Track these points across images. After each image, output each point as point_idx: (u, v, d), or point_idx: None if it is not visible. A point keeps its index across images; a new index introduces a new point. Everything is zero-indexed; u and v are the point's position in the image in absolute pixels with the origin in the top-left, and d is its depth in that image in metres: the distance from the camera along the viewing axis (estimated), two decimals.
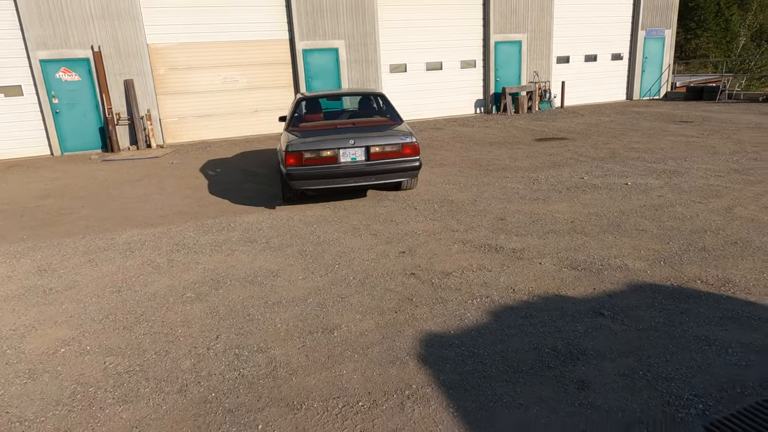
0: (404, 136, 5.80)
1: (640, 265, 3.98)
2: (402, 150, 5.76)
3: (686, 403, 2.42)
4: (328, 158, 5.67)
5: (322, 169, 5.64)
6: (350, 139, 5.70)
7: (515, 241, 4.64)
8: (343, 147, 5.67)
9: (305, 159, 5.64)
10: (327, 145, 5.67)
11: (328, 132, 5.99)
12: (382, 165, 5.71)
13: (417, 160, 5.84)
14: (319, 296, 3.73)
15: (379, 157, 5.73)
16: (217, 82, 13.15)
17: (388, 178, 5.82)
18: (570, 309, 3.36)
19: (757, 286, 3.52)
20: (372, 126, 6.22)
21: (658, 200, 5.62)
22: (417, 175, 5.98)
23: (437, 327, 3.22)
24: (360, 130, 6.02)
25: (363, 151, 5.70)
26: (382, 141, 5.72)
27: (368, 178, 5.73)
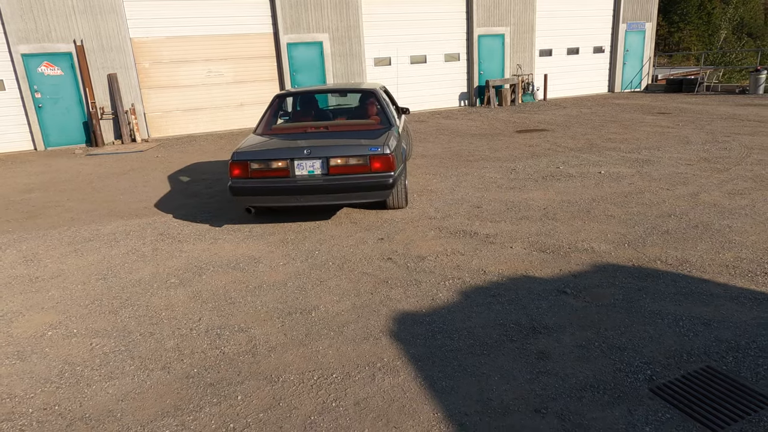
0: (373, 146, 4.68)
1: (605, 247, 4.18)
2: (369, 164, 4.67)
3: (636, 369, 2.62)
4: (279, 170, 4.71)
5: (271, 184, 4.69)
6: (305, 148, 4.71)
7: (489, 227, 4.83)
8: (298, 158, 4.67)
9: (252, 170, 4.74)
10: (278, 154, 4.71)
11: (289, 138, 5.17)
12: (343, 181, 4.64)
13: (389, 176, 4.67)
14: (299, 280, 3.89)
15: (341, 171, 4.69)
16: (202, 75, 13.18)
17: (351, 198, 4.73)
18: (536, 288, 3.55)
19: (712, 266, 3.73)
20: (350, 131, 5.26)
21: (628, 188, 5.84)
22: (388, 195, 4.82)
23: (410, 306, 3.39)
24: (331, 136, 5.14)
25: (321, 163, 4.67)
26: (345, 152, 4.68)
27: (325, 196, 4.69)
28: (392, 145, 4.85)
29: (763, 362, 2.62)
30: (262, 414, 2.43)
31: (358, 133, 5.16)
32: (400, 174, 5.00)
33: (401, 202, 5.37)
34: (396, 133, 5.27)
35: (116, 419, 2.45)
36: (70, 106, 12.03)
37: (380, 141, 4.85)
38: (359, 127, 5.44)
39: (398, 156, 4.96)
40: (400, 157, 5.10)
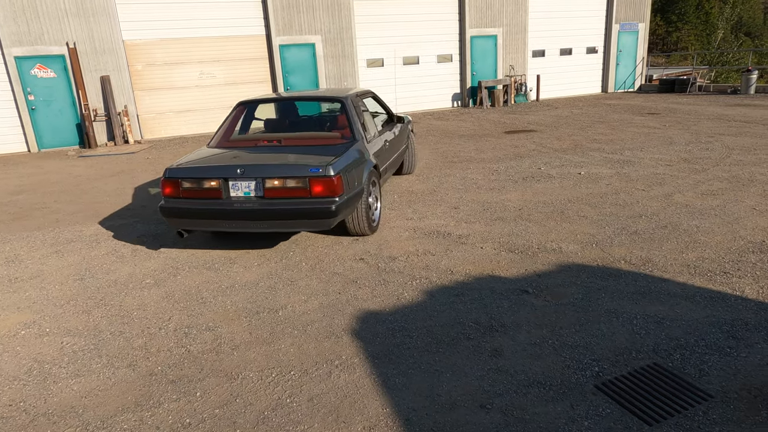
0: (315, 167, 4.03)
1: (573, 248, 4.26)
2: (309, 187, 4.03)
3: (584, 366, 2.70)
4: (210, 191, 4.19)
5: (201, 206, 4.18)
6: (239, 166, 4.16)
7: (463, 227, 4.91)
8: (232, 177, 4.14)
9: (183, 190, 4.26)
10: (210, 173, 4.20)
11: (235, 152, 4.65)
12: (279, 206, 4.04)
13: (331, 202, 4.00)
14: (271, 280, 3.97)
15: (277, 194, 4.10)
16: (195, 77, 13.27)
17: (287, 227, 4.13)
18: (500, 288, 3.63)
19: (674, 265, 3.81)
20: (305, 146, 4.67)
21: (605, 188, 5.92)
22: (331, 225, 4.09)
23: (375, 306, 3.47)
24: (280, 151, 4.59)
25: (256, 184, 4.13)
26: (281, 172, 4.07)
27: (259, 223, 4.13)
28: (341, 166, 4.17)
29: (708, 359, 2.70)
30: (218, 410, 2.51)
31: (311, 149, 4.54)
32: (353, 199, 4.27)
33: (363, 229, 4.62)
34: (359, 150, 4.64)
35: (77, 415, 2.53)
36: (63, 108, 12.13)
37: (326, 160, 4.14)
38: (318, 141, 4.76)
39: (353, 177, 4.31)
40: (360, 177, 4.44)
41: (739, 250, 4.00)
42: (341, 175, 4.11)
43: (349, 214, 4.35)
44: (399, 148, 6.17)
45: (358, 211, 4.50)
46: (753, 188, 5.58)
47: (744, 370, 2.59)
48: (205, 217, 4.20)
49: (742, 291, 3.38)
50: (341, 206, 4.10)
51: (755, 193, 5.42)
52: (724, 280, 3.54)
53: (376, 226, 4.89)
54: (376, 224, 4.89)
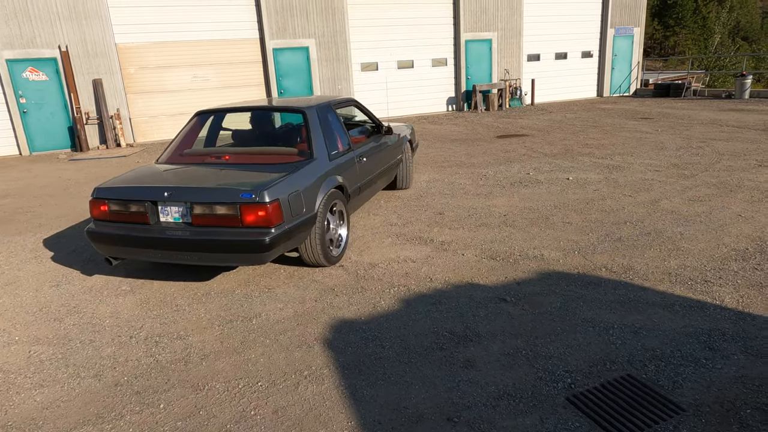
0: (247, 191, 3.48)
1: (555, 255, 4.21)
2: (241, 215, 3.48)
3: (556, 378, 2.65)
4: (136, 215, 3.72)
5: (127, 231, 3.69)
6: (167, 189, 3.67)
7: (446, 234, 4.86)
8: (161, 201, 3.65)
9: (111, 212, 3.80)
10: (136, 194, 3.72)
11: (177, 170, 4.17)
12: (206, 236, 3.49)
13: (264, 233, 3.44)
14: (248, 288, 3.92)
15: (205, 222, 3.57)
16: (188, 81, 13.24)
17: (215, 260, 3.56)
18: (478, 296, 3.58)
19: (656, 273, 3.76)
20: (253, 163, 4.15)
21: (592, 194, 5.87)
22: (265, 260, 3.53)
23: (351, 314, 3.42)
24: (225, 169, 4.09)
25: (185, 210, 3.62)
26: (209, 196, 3.55)
27: (188, 255, 3.58)
28: (283, 190, 3.59)
29: (683, 371, 2.65)
30: (180, 422, 2.46)
31: (259, 168, 4.01)
32: (299, 228, 3.69)
33: (317, 259, 4.03)
34: (316, 169, 4.05)
35: (37, 427, 2.48)
36: (55, 111, 12.09)
37: (263, 183, 3.57)
38: (270, 158, 4.19)
39: (302, 202, 3.74)
40: (312, 201, 3.87)
41: (721, 258, 3.95)
42: (280, 200, 3.54)
43: (293, 246, 3.77)
44: (386, 162, 5.59)
45: (311, 240, 3.93)
46: (740, 194, 5.54)
47: (718, 383, 2.54)
48: (132, 245, 3.69)
49: (722, 300, 3.33)
50: (279, 238, 3.48)
51: (742, 199, 5.38)
52: (705, 288, 3.50)
53: (339, 255, 4.28)
54: (339, 253, 4.30)
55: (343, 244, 4.40)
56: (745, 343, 2.85)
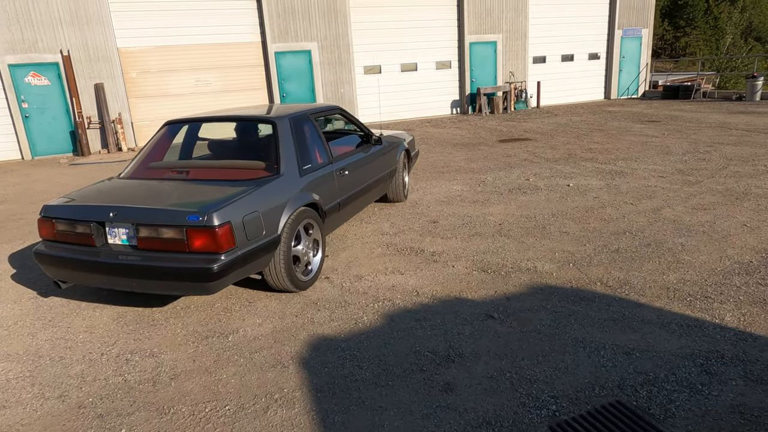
0: (194, 214, 3.14)
1: (549, 267, 4.04)
2: (187, 239, 3.15)
3: (540, 404, 2.49)
4: (82, 236, 3.43)
5: (72, 254, 3.42)
6: (114, 209, 3.36)
7: (439, 243, 4.71)
8: (108, 221, 3.35)
9: (58, 232, 3.54)
10: (82, 214, 3.44)
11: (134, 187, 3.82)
12: (151, 262, 3.18)
13: (213, 260, 3.11)
14: (228, 301, 3.79)
15: (152, 246, 3.25)
16: (190, 84, 13.21)
17: (161, 288, 3.24)
18: (465, 312, 3.42)
19: (653, 288, 3.59)
20: (213, 180, 3.79)
21: (592, 202, 5.69)
22: (213, 290, 3.17)
23: (331, 331, 3.28)
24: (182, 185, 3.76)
25: (131, 231, 3.32)
26: (154, 218, 3.24)
27: (132, 281, 3.27)
28: (237, 211, 3.26)
29: (677, 397, 2.48)
30: None
31: (219, 184, 3.66)
32: (257, 254, 3.37)
33: (283, 284, 3.69)
34: (281, 187, 3.72)
35: None
36: (57, 116, 12.11)
37: (212, 204, 3.23)
38: (233, 173, 3.84)
39: (260, 224, 3.41)
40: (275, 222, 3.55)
41: (723, 272, 3.76)
42: (232, 223, 3.20)
43: (252, 272, 3.44)
44: (375, 175, 5.22)
45: (274, 265, 3.59)
46: (747, 202, 5.33)
47: (714, 411, 2.37)
48: (78, 269, 3.40)
49: (722, 318, 3.15)
50: (230, 265, 3.16)
51: (748, 207, 5.17)
52: (705, 305, 3.31)
53: (311, 280, 3.91)
54: (311, 277, 3.92)
55: (315, 267, 4.02)
56: (745, 367, 2.67)
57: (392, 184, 5.93)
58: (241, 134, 4.78)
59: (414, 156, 6.55)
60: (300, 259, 3.86)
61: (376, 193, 5.41)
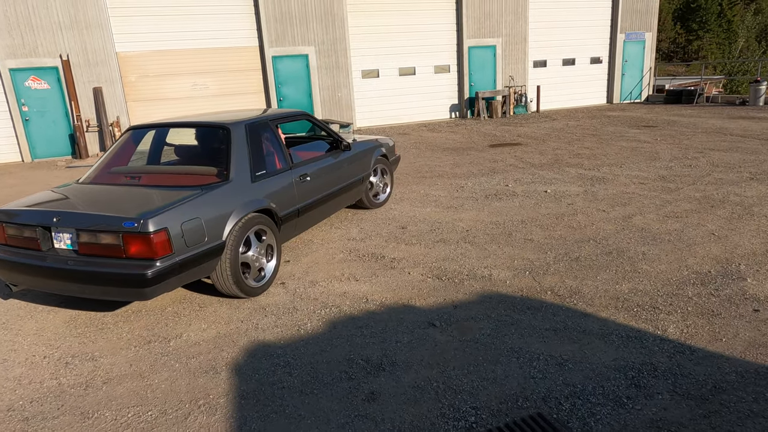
0: (130, 220, 3.15)
1: (504, 275, 4.01)
2: (124, 245, 3.18)
3: (460, 415, 2.46)
4: (28, 240, 3.49)
5: (19, 258, 3.49)
6: (57, 214, 3.40)
7: (401, 250, 4.69)
8: (53, 226, 3.38)
9: (8, 236, 3.61)
10: (28, 218, 3.50)
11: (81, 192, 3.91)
12: (89, 267, 3.24)
13: (147, 266, 3.13)
14: (180, 305, 3.82)
15: (91, 251, 3.29)
16: (188, 88, 13.34)
17: (100, 293, 3.29)
18: (409, 319, 3.40)
19: (602, 298, 3.53)
20: (161, 185, 3.84)
21: (565, 208, 5.63)
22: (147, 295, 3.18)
23: (272, 337, 3.29)
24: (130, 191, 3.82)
25: (73, 236, 3.35)
26: (92, 223, 3.27)
27: (73, 286, 3.34)
28: (175, 217, 3.28)
29: (599, 411, 2.44)
30: None
31: (165, 189, 3.70)
32: (197, 260, 3.39)
33: (230, 290, 3.70)
34: (228, 193, 3.71)
35: None
36: (56, 119, 12.30)
37: (150, 210, 3.24)
38: (182, 179, 3.91)
39: (202, 231, 3.42)
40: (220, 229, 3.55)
41: (679, 282, 3.70)
42: (169, 229, 3.22)
43: (193, 278, 3.46)
44: (344, 181, 5.18)
45: (221, 270, 3.59)
46: (721, 210, 5.24)
47: (632, 426, 2.33)
48: (24, 272, 3.47)
49: (665, 330, 3.10)
50: (166, 272, 3.18)
51: (721, 216, 5.08)
52: (650, 316, 3.26)
53: (263, 286, 3.91)
54: (263, 283, 3.91)
55: (268, 274, 3.99)
56: (675, 381, 2.62)
57: (365, 189, 5.87)
58: (200, 140, 4.77)
59: (394, 161, 6.50)
60: (251, 266, 3.83)
61: (345, 199, 5.35)
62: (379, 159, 6.02)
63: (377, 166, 6.02)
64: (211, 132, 4.55)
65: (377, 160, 5.97)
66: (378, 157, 5.98)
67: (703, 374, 2.66)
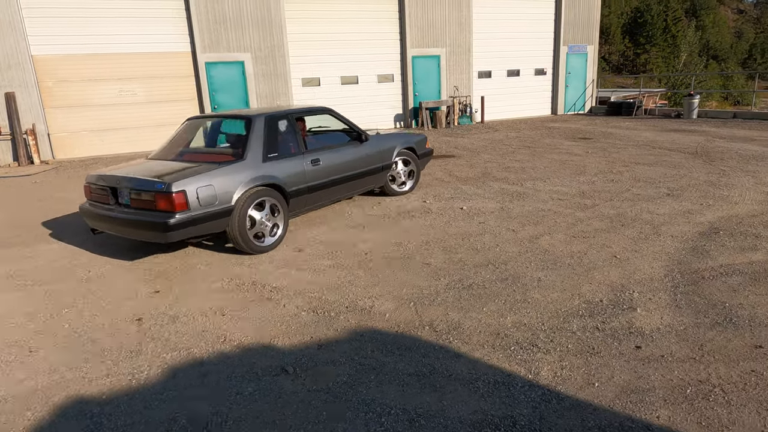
0: (161, 183, 4.27)
1: (387, 306, 3.66)
2: (155, 201, 4.29)
3: None
4: (103, 196, 4.74)
5: (99, 209, 4.74)
6: (119, 179, 4.59)
7: (289, 276, 4.29)
8: (117, 187, 4.60)
9: (91, 193, 4.89)
10: (103, 181, 4.74)
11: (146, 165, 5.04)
12: (135, 216, 4.39)
13: (168, 217, 4.19)
14: (10, 352, 3.29)
15: (138, 205, 4.45)
16: (114, 95, 12.60)
17: (139, 237, 4.51)
18: (261, 364, 3.00)
19: (482, 334, 3.22)
20: (202, 161, 4.87)
21: (475, 227, 5.36)
22: (170, 239, 4.27)
23: (97, 389, 2.82)
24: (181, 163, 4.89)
25: (128, 194, 4.52)
26: (138, 184, 4.44)
27: (125, 230, 4.56)
28: (193, 183, 4.34)
29: None
30: None
31: (199, 164, 4.75)
32: (209, 217, 4.41)
33: (240, 246, 4.72)
34: (240, 169, 4.70)
35: None
36: None
37: (176, 177, 4.34)
38: (213, 157, 5.02)
39: (214, 196, 4.45)
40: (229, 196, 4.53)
41: (566, 314, 3.43)
42: (186, 191, 4.30)
43: (204, 231, 4.47)
44: (357, 168, 5.95)
45: (231, 227, 4.61)
46: (630, 230, 5.07)
47: None
48: (100, 220, 4.73)
49: (538, 373, 2.80)
50: (181, 223, 4.25)
51: (629, 235, 4.90)
52: (527, 356, 2.96)
53: (269, 246, 4.90)
54: (272, 244, 4.92)
55: (275, 237, 4.97)
56: None
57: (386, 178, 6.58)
58: (234, 128, 5.81)
59: (423, 155, 7.09)
60: (258, 228, 4.80)
61: (360, 184, 6.09)
62: (403, 152, 6.68)
63: (401, 157, 6.70)
64: (240, 122, 5.49)
65: (401, 152, 6.64)
66: (402, 149, 6.64)
67: (563, 429, 2.36)
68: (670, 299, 3.58)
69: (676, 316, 3.33)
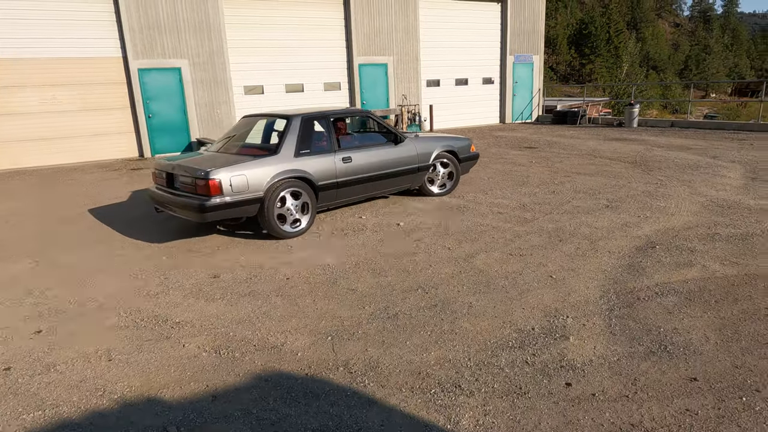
0: (201, 170, 4.94)
1: (301, 343, 3.27)
2: (195, 186, 4.98)
3: None
4: (164, 181, 5.51)
5: (161, 192, 5.50)
6: (175, 167, 5.34)
7: (196, 308, 3.83)
8: (174, 173, 5.36)
9: (156, 178, 5.69)
10: (164, 168, 5.52)
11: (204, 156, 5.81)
12: (182, 198, 5.09)
13: (205, 200, 4.86)
14: None
15: (185, 189, 5.20)
16: (37, 102, 11.66)
17: (184, 215, 5.20)
18: (140, 424, 2.55)
19: (402, 374, 2.89)
20: (245, 154, 5.49)
21: (410, 246, 5.05)
22: (203, 219, 4.94)
23: None
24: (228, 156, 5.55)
25: (180, 180, 5.29)
26: (187, 172, 5.13)
27: (175, 210, 5.25)
28: (228, 172, 4.96)
29: None
30: None
31: (240, 157, 5.38)
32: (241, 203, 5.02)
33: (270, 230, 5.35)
34: (271, 163, 5.24)
35: None
36: None
37: (215, 167, 4.99)
38: (254, 151, 5.59)
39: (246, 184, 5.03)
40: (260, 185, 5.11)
41: (495, 346, 3.15)
42: (221, 179, 4.91)
43: (236, 215, 5.10)
44: (390, 167, 6.28)
45: (261, 213, 5.21)
46: (568, 245, 4.89)
47: None
48: (162, 201, 5.38)
49: (458, 422, 2.48)
50: (215, 206, 4.88)
51: (566, 252, 4.71)
52: (448, 400, 2.64)
53: (295, 233, 5.43)
54: (298, 230, 5.45)
55: (303, 225, 5.51)
56: None
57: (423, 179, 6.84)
58: (277, 126, 6.39)
59: (466, 159, 7.17)
60: (285, 216, 5.38)
61: (394, 182, 6.41)
62: (443, 154, 6.84)
63: (440, 160, 6.86)
64: (281, 120, 5.96)
65: (440, 155, 6.80)
66: (441, 152, 6.80)
67: None
68: (604, 324, 3.36)
69: (610, 345, 3.11)
